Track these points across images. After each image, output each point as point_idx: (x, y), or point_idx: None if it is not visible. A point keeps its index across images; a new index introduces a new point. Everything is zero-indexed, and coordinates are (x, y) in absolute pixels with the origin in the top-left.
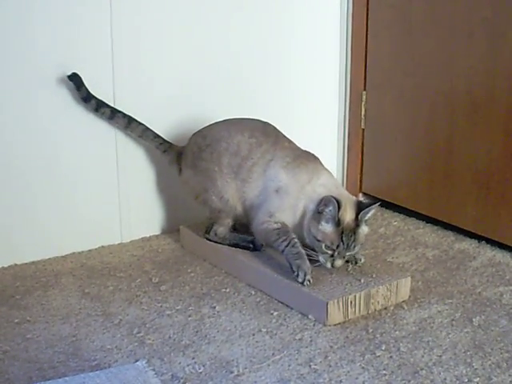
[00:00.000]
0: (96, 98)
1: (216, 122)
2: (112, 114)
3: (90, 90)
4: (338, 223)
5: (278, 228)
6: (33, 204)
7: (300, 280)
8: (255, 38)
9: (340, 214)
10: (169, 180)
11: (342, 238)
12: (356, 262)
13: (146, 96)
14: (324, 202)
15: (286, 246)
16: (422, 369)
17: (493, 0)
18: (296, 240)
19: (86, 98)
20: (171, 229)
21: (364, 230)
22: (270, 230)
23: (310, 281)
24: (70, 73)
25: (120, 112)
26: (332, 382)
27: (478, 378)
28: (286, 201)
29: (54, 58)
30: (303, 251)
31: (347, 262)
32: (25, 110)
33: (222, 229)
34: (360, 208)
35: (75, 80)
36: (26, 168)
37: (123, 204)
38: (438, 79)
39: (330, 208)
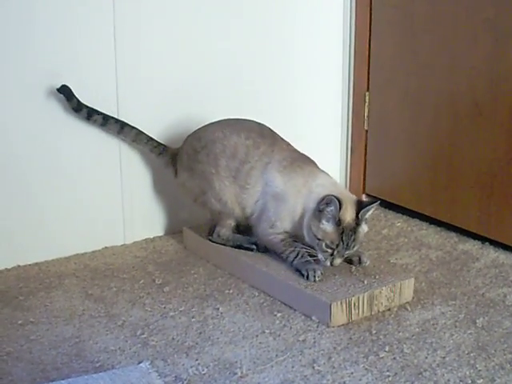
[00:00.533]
0: (87, 107)
1: (210, 123)
2: (104, 121)
3: (92, 91)
4: (338, 223)
5: (283, 240)
6: (36, 205)
7: (312, 279)
8: (257, 39)
9: (341, 213)
10: (172, 181)
11: (342, 237)
12: (360, 263)
13: (149, 96)
14: (325, 200)
15: (295, 257)
16: (425, 370)
17: (496, 1)
18: (304, 250)
19: (77, 108)
20: (174, 230)
21: (364, 228)
22: (275, 243)
23: (319, 277)
24: (59, 85)
25: (112, 118)
26: None
27: (482, 380)
28: (284, 208)
29: (57, 58)
30: (311, 260)
31: (351, 262)
32: (28, 112)
33: (225, 230)
34: (360, 207)
35: (65, 92)
36: (29, 169)
37: (126, 205)
38: (442, 80)
39: (332, 207)
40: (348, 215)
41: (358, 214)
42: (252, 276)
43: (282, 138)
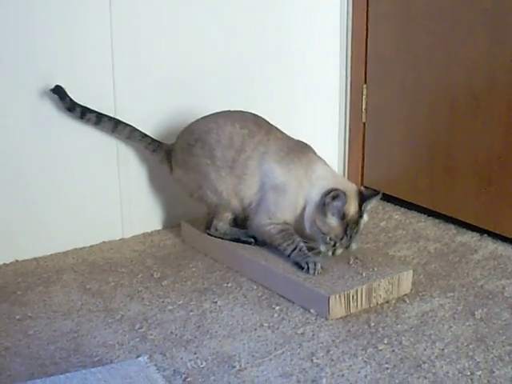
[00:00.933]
0: (80, 106)
1: (202, 117)
2: (98, 119)
3: (90, 89)
4: (343, 216)
5: (282, 231)
6: (34, 200)
7: (312, 272)
8: (254, 32)
9: (345, 207)
10: (169, 175)
11: (346, 230)
12: (347, 248)
13: (146, 94)
14: (332, 194)
15: (293, 250)
16: (424, 362)
17: None
18: (302, 244)
19: (71, 108)
20: (172, 224)
21: (365, 219)
22: (273, 234)
23: (319, 271)
24: (52, 86)
25: (106, 116)
26: (334, 376)
27: (481, 371)
28: (285, 199)
29: (55, 56)
30: (309, 253)
31: None
32: (27, 111)
33: (222, 223)
34: (362, 198)
35: (58, 92)
36: (27, 164)
37: (124, 199)
38: (439, 72)
39: (338, 202)
40: (352, 209)
41: (360, 205)
42: (250, 269)
43: (277, 128)
